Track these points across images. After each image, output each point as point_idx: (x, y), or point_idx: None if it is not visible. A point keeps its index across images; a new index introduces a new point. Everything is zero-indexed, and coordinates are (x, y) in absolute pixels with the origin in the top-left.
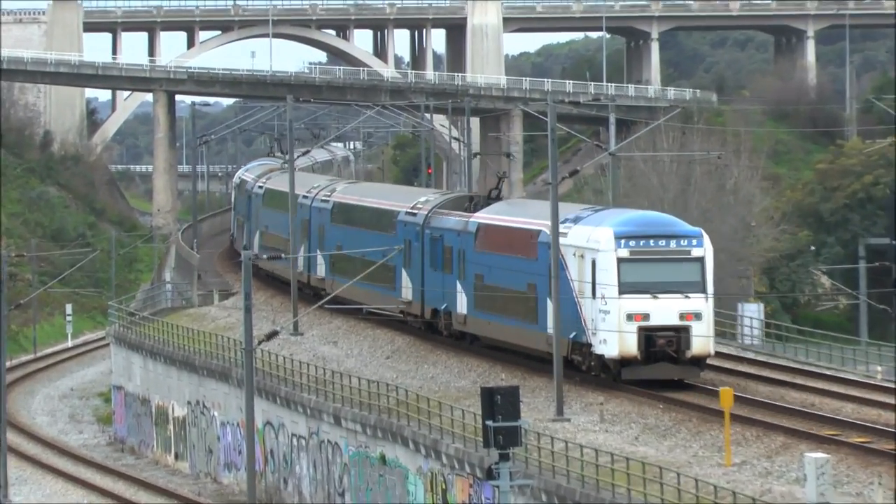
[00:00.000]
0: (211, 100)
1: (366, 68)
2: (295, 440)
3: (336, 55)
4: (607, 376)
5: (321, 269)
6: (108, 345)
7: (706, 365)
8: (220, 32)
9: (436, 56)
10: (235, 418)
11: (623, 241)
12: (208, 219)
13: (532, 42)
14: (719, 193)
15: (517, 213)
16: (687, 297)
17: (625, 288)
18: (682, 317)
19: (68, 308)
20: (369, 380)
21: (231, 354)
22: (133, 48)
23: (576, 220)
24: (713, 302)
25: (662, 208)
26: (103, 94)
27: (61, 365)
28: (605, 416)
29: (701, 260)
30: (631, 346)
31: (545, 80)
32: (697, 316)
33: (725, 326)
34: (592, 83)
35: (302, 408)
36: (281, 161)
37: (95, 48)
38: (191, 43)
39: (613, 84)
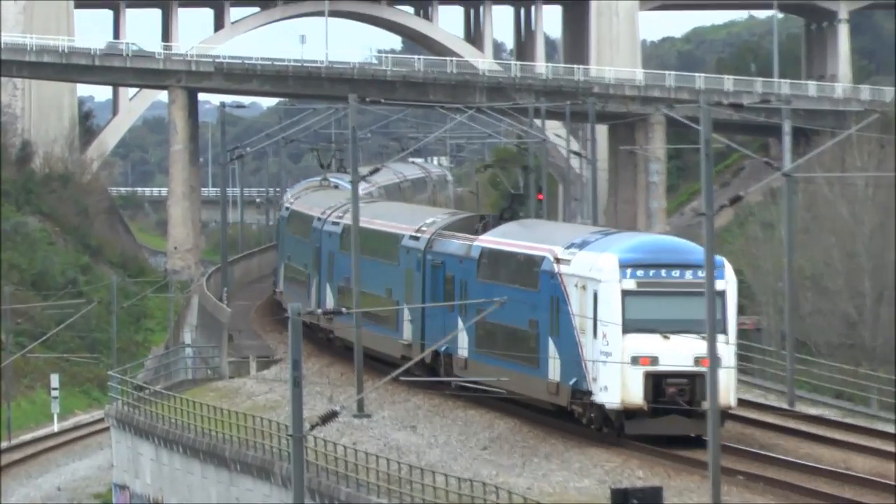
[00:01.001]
0: (246, 100)
1: (455, 58)
2: None
3: (415, 40)
4: (610, 431)
5: (329, 302)
6: (107, 429)
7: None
8: (258, 10)
9: (549, 42)
10: None
11: (629, 271)
12: (243, 260)
13: (678, 24)
14: None
15: (524, 236)
16: (704, 337)
17: (630, 325)
18: (697, 361)
19: (54, 380)
20: (460, 478)
21: (274, 443)
22: (142, 30)
23: (582, 245)
24: (735, 344)
25: (854, 248)
26: (101, 92)
27: (44, 456)
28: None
29: (722, 294)
30: (636, 395)
31: (696, 74)
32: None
33: None
34: (760, 79)
35: None
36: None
37: (91, 30)
38: (219, 23)
39: (788, 81)
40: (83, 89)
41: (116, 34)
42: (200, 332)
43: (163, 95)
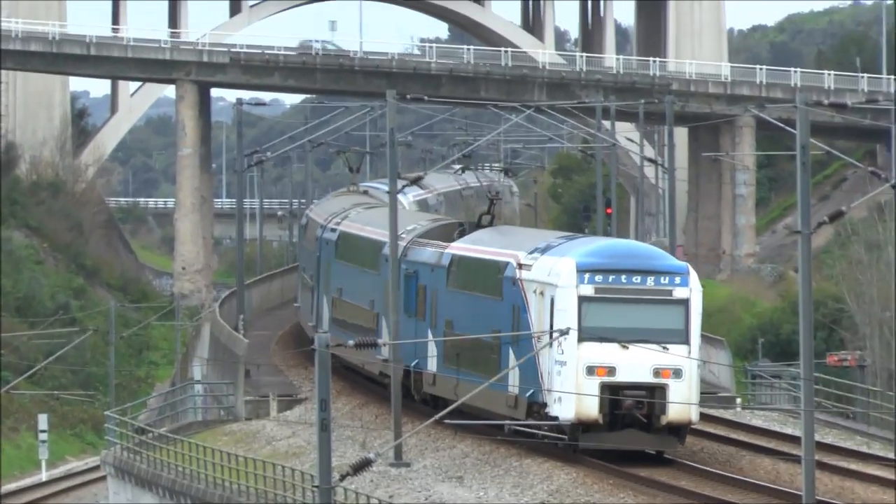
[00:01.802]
0: (266, 96)
1: (510, 50)
2: None
3: (464, 28)
4: (564, 445)
5: (325, 324)
6: (103, 478)
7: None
8: None
9: (620, 31)
10: None
11: (587, 276)
12: (262, 282)
13: (770, 11)
14: None
15: (494, 243)
16: (665, 348)
17: (586, 333)
18: (656, 373)
19: (42, 420)
20: None
21: (298, 496)
22: (145, 14)
23: (545, 250)
24: (698, 356)
25: None
26: (97, 87)
27: None
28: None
29: (685, 302)
30: (591, 408)
31: (791, 69)
32: (677, 373)
33: None
34: (865, 75)
35: None
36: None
37: (86, 15)
38: (235, 8)
39: None
40: (77, 83)
41: (116, 20)
42: (212, 367)
43: (169, 91)
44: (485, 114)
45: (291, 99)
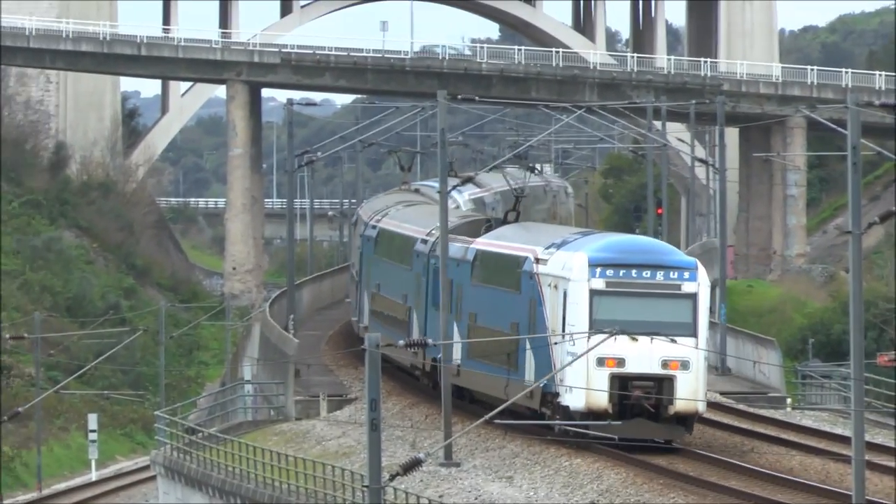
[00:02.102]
0: (317, 97)
1: (561, 50)
2: None
3: (515, 28)
4: (576, 435)
5: (366, 318)
6: (153, 478)
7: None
8: None
9: (671, 31)
10: None
11: (599, 270)
12: (312, 282)
13: (822, 11)
14: None
15: (516, 238)
16: (673, 340)
17: (597, 326)
18: (665, 364)
19: (92, 420)
20: None
21: (348, 495)
22: (196, 15)
23: (561, 245)
24: (706, 348)
25: None
26: (148, 87)
27: None
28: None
29: (693, 297)
30: (600, 398)
31: (842, 70)
32: (684, 364)
33: None
34: None
35: None
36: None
37: (136, 15)
38: (286, 8)
39: None
40: (127, 83)
41: (167, 20)
42: (262, 367)
43: (220, 91)
44: (536, 114)
45: (342, 99)
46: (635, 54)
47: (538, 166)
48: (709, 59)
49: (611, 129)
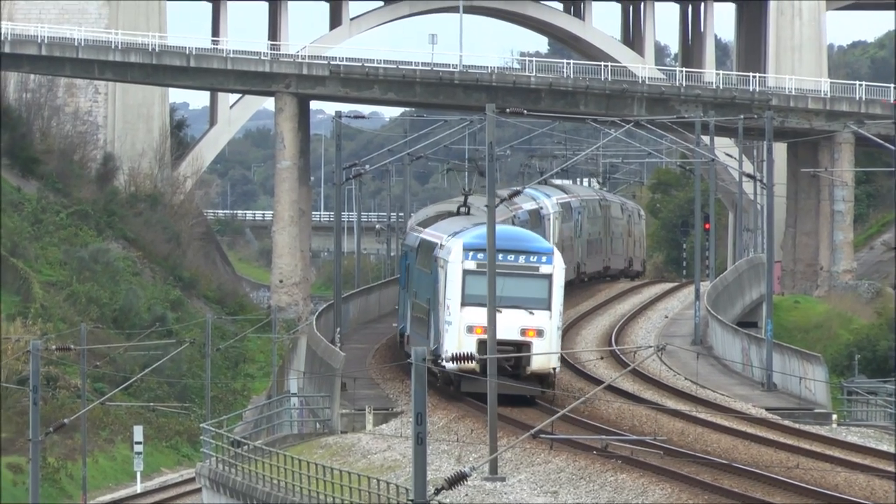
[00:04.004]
0: (365, 109)
1: (610, 64)
2: None
3: (564, 42)
4: (455, 390)
5: (408, 325)
6: (198, 490)
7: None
8: (381, 5)
9: (720, 46)
10: None
11: (471, 254)
12: (359, 296)
13: (871, 26)
14: None
15: (443, 228)
16: (531, 313)
17: (468, 300)
18: (522, 332)
19: (138, 432)
20: None
21: None
22: (245, 27)
23: (455, 234)
24: (559, 320)
25: None
26: (196, 99)
27: None
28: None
29: (549, 277)
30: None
31: (890, 85)
32: (540, 332)
33: None
34: None
35: None
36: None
37: (185, 26)
38: (335, 20)
39: None
40: (176, 95)
41: (216, 31)
42: (308, 380)
43: (269, 103)
44: (584, 128)
45: (390, 112)
46: (684, 69)
47: (587, 181)
48: (757, 74)
49: (659, 144)
